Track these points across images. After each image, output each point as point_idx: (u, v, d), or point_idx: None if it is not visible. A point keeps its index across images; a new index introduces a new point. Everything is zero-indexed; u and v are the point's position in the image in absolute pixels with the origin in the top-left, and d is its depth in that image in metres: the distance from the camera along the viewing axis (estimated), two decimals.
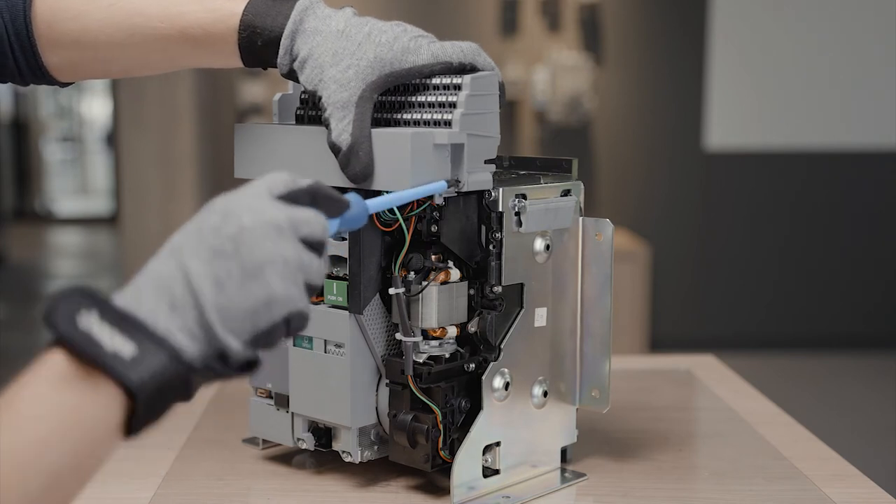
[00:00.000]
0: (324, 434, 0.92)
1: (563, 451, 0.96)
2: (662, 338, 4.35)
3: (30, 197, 9.04)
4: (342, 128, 0.81)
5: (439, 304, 0.85)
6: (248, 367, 0.60)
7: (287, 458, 0.98)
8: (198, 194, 3.83)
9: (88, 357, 0.53)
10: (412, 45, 0.84)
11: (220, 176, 4.25)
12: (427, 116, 0.85)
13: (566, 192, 0.92)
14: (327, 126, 0.82)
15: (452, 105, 0.84)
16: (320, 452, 0.95)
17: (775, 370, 4.09)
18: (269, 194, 0.63)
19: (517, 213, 0.87)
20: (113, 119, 7.15)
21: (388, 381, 0.88)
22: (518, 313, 0.89)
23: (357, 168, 0.81)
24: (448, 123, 0.84)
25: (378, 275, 0.87)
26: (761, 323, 4.51)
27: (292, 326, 0.62)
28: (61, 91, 9.90)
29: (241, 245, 0.59)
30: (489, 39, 4.32)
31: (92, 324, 0.54)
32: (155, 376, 0.55)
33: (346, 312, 0.87)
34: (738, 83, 4.37)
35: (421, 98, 0.86)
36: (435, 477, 0.92)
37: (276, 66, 0.87)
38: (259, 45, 0.86)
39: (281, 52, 0.85)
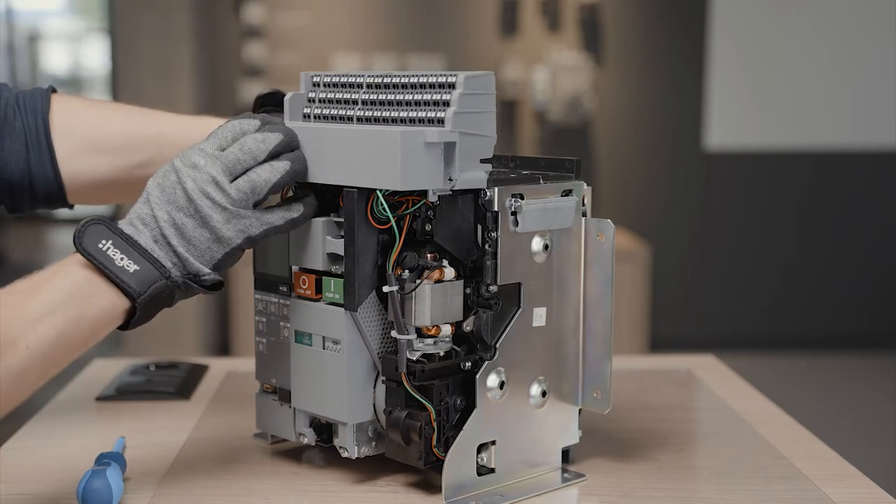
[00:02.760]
0: (325, 429, 0.93)
1: (566, 452, 0.96)
2: (662, 338, 4.35)
3: None
4: None
5: (433, 303, 0.85)
6: (217, 286, 0.83)
7: (290, 454, 0.98)
8: None
9: (104, 269, 0.79)
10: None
11: None
12: (421, 115, 0.86)
13: (567, 193, 0.92)
14: None
15: (446, 103, 0.84)
16: (326, 448, 0.95)
17: (775, 370, 4.09)
18: (216, 148, 0.83)
19: (514, 213, 0.87)
20: None
21: (384, 378, 0.89)
22: (515, 313, 0.89)
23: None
24: (441, 122, 0.84)
25: (374, 272, 0.87)
26: (761, 323, 4.51)
27: (248, 246, 0.84)
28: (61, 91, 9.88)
29: (192, 202, 0.81)
30: (489, 39, 4.32)
31: (108, 248, 0.79)
32: (149, 287, 0.79)
33: (343, 309, 0.87)
34: (738, 83, 4.37)
35: (417, 97, 0.86)
36: (434, 475, 0.92)
37: None
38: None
39: None
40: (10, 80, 8.54)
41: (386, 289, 0.85)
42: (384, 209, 0.84)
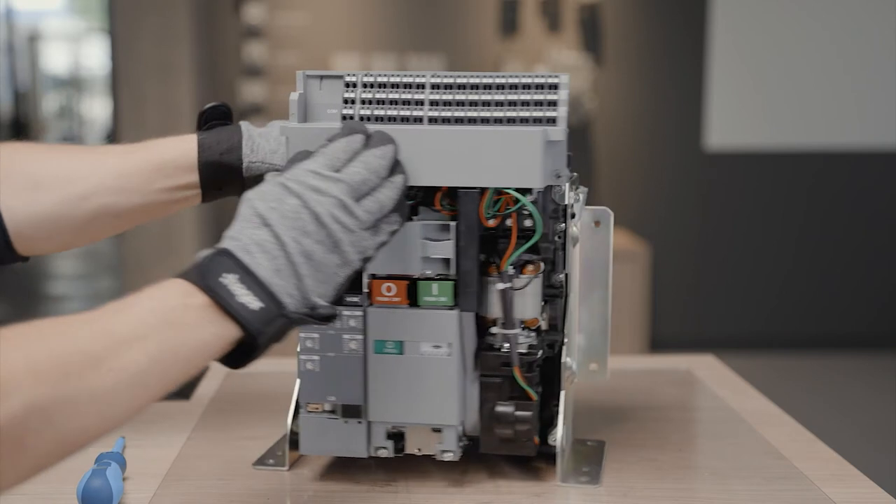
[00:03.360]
0: (398, 438, 0.92)
1: None
2: (662, 338, 4.35)
3: None
4: None
5: (536, 296, 0.90)
6: (331, 318, 0.78)
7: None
8: None
9: (224, 304, 0.72)
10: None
11: None
12: (525, 114, 0.88)
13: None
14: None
15: (551, 103, 0.88)
16: (400, 456, 0.95)
17: (775, 370, 4.09)
18: (330, 169, 0.79)
19: (571, 205, 0.92)
20: (113, 119, 7.15)
21: (481, 374, 0.91)
22: (567, 298, 0.94)
23: None
24: (552, 121, 0.88)
25: (478, 271, 0.90)
26: (761, 323, 4.51)
27: (362, 267, 0.80)
28: (61, 91, 9.90)
29: (322, 226, 0.76)
30: (489, 39, 4.32)
31: (231, 282, 0.72)
32: (268, 324, 0.73)
33: (454, 312, 0.88)
34: (738, 83, 4.37)
35: (511, 97, 0.88)
36: (431, 474, 0.92)
37: (232, 179, 0.98)
38: (220, 154, 0.97)
39: (246, 150, 0.96)
40: (9, 80, 8.54)
41: (500, 286, 0.88)
42: (527, 209, 0.87)
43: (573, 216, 0.92)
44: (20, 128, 9.00)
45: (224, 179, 0.97)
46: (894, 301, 4.52)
